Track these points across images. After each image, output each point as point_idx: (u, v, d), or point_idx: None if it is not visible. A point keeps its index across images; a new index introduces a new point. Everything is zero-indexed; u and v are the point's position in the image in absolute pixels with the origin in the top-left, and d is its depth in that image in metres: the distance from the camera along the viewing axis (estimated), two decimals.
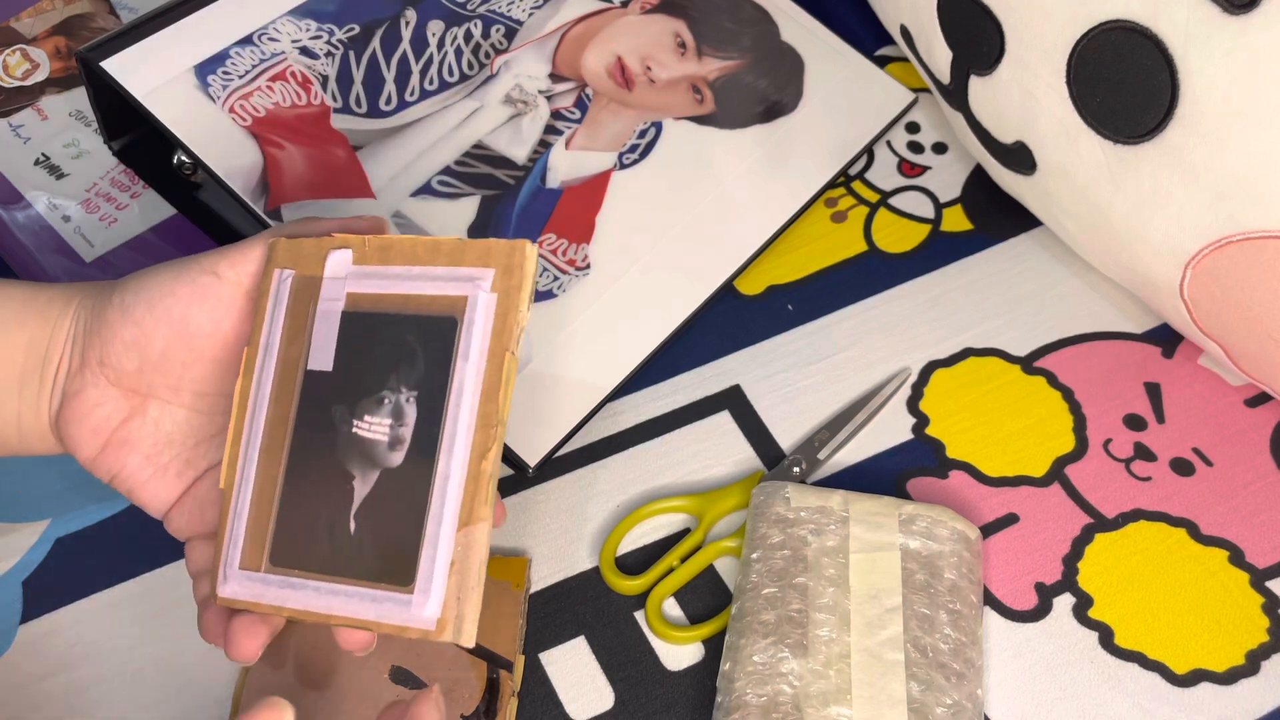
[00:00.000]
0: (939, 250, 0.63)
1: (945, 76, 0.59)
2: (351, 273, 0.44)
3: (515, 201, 0.58)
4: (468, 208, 0.57)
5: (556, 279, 0.56)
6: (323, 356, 0.44)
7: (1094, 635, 0.50)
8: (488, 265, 0.42)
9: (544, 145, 0.60)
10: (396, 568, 0.41)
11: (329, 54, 0.59)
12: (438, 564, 0.41)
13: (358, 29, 0.60)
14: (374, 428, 0.42)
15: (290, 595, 0.43)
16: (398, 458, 0.42)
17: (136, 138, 0.60)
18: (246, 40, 0.57)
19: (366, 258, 0.44)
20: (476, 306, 0.41)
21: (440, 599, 0.40)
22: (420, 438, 0.42)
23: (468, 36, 0.62)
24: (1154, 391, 0.57)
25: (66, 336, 0.44)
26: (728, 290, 0.61)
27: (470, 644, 0.41)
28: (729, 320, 0.60)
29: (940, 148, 0.67)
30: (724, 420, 0.57)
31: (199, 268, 0.44)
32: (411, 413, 0.42)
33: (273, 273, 0.45)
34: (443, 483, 0.41)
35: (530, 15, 0.64)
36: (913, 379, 0.58)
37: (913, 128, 0.68)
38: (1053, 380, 0.58)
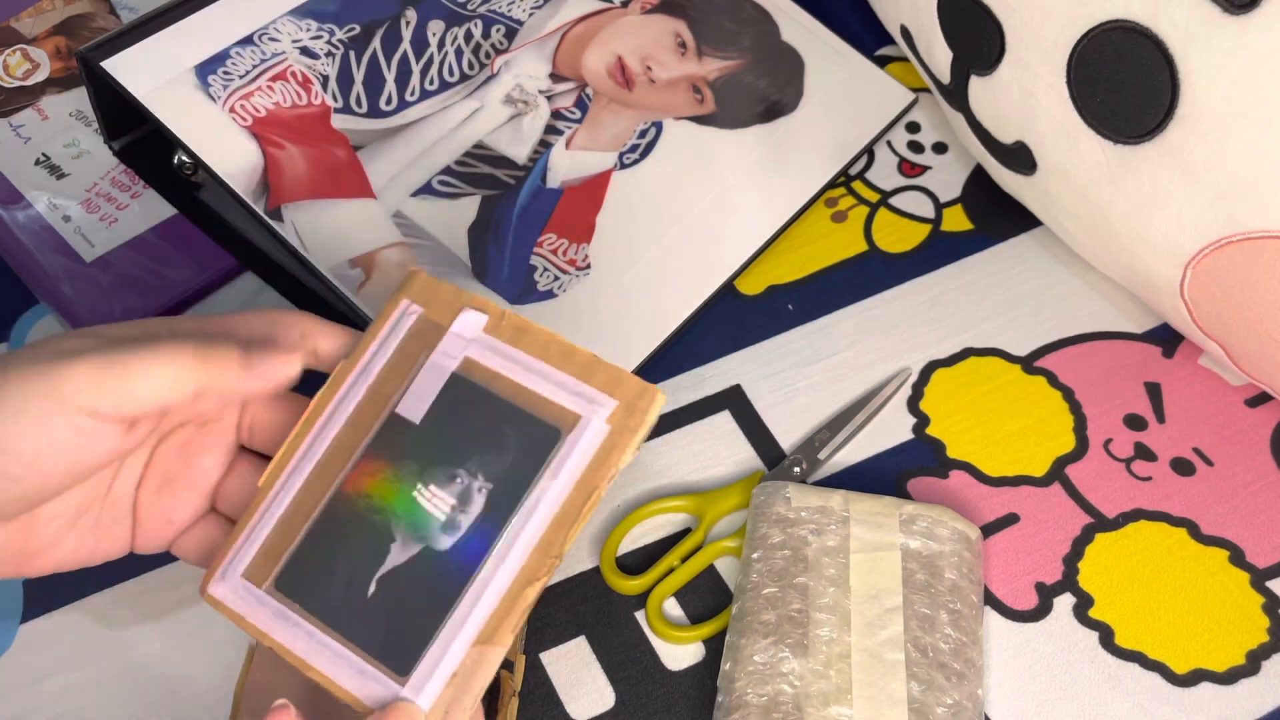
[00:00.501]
0: (939, 250, 0.63)
1: (945, 76, 0.59)
2: (478, 339, 0.42)
3: (515, 201, 0.58)
4: (468, 207, 0.57)
5: (556, 279, 0.56)
6: (416, 406, 0.42)
7: (1094, 635, 0.50)
8: (613, 395, 0.40)
9: (544, 145, 0.60)
10: (398, 652, 0.39)
11: (329, 54, 0.59)
12: (441, 668, 0.38)
13: (358, 29, 0.60)
14: (436, 501, 0.41)
15: (279, 627, 0.41)
16: (446, 542, 0.40)
17: (137, 138, 0.60)
18: (247, 40, 0.57)
19: (499, 331, 0.42)
20: (586, 431, 0.40)
21: (429, 704, 0.38)
22: (476, 533, 0.40)
23: (468, 36, 0.62)
24: (1154, 391, 0.57)
25: None
26: (728, 290, 0.61)
27: None
28: (729, 320, 0.60)
29: (940, 148, 0.67)
30: (724, 420, 0.57)
31: (72, 406, 0.37)
32: (479, 504, 0.40)
33: (400, 301, 0.43)
34: (479, 590, 0.39)
35: (530, 15, 0.64)
36: (913, 379, 0.58)
37: (913, 128, 0.68)
38: (1053, 380, 0.58)
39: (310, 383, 0.44)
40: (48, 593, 0.52)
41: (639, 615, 0.51)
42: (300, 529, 0.41)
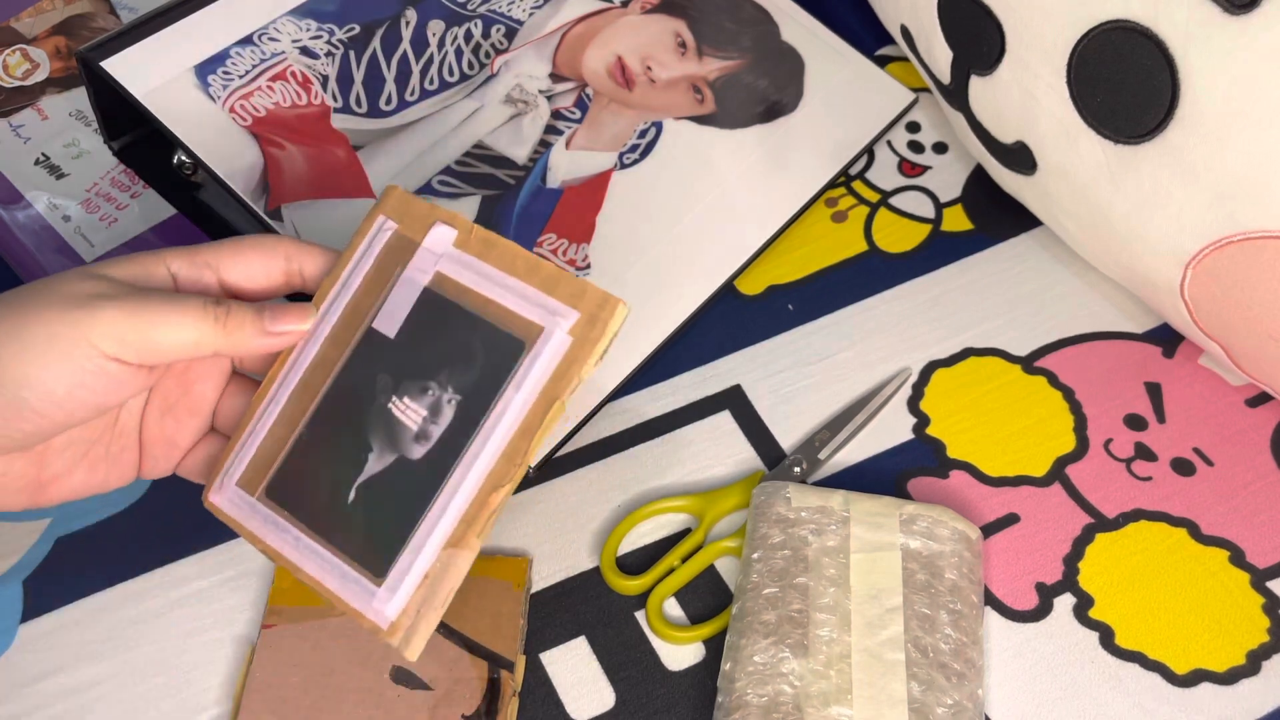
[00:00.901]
0: (939, 250, 0.63)
1: (945, 76, 0.59)
2: (448, 254, 0.43)
3: (515, 201, 0.58)
4: (468, 207, 0.57)
5: None
6: (390, 322, 0.43)
7: (1094, 635, 0.50)
8: (576, 307, 0.41)
9: (544, 145, 0.60)
10: (375, 555, 0.41)
11: (329, 54, 0.59)
12: (414, 570, 0.41)
13: (358, 29, 0.60)
14: (409, 412, 0.42)
15: (271, 533, 0.43)
16: (419, 451, 0.42)
17: (137, 138, 0.60)
18: (247, 40, 0.57)
19: (468, 246, 0.43)
20: (549, 342, 0.41)
21: (403, 604, 0.41)
22: (446, 442, 0.41)
23: (468, 36, 0.62)
24: (1154, 391, 0.57)
25: None
26: (728, 290, 0.61)
27: (413, 658, 0.41)
28: (729, 320, 0.60)
29: (940, 148, 0.67)
30: (724, 420, 0.57)
31: (98, 351, 0.39)
32: (448, 414, 0.42)
33: (376, 217, 0.44)
34: (449, 495, 0.41)
35: (530, 15, 0.64)
36: (913, 379, 0.58)
37: (913, 127, 0.68)
38: (1053, 380, 0.58)
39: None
40: (48, 593, 0.52)
41: (639, 615, 0.51)
42: (287, 441, 0.44)
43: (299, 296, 0.48)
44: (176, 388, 0.46)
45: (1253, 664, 0.49)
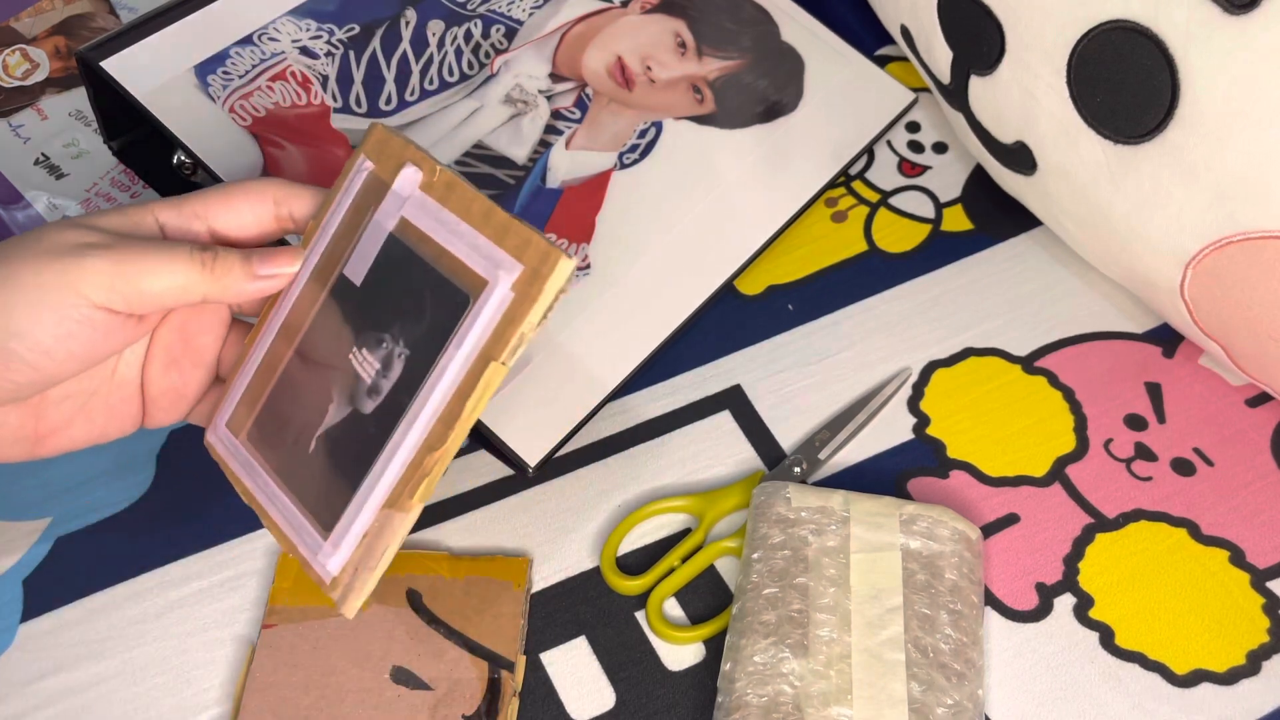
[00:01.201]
0: (939, 250, 0.63)
1: (945, 76, 0.59)
2: (413, 198, 0.41)
3: (515, 201, 0.58)
4: None
5: None
6: (359, 268, 0.42)
7: (1094, 635, 0.50)
8: (521, 259, 0.38)
9: (544, 145, 0.60)
10: (326, 509, 0.41)
11: (329, 54, 0.59)
12: (353, 529, 0.40)
13: (358, 29, 0.60)
14: (365, 365, 0.41)
15: (247, 476, 0.44)
16: (370, 405, 0.41)
17: (136, 138, 0.60)
18: (246, 40, 0.57)
19: (432, 189, 0.41)
20: (490, 297, 0.39)
21: (342, 561, 0.41)
22: (392, 398, 0.40)
23: (468, 36, 0.62)
24: (1154, 391, 0.57)
25: None
26: (728, 290, 0.61)
27: (350, 615, 0.41)
28: (729, 320, 0.60)
29: (940, 148, 0.67)
30: (724, 420, 0.57)
31: (87, 300, 0.39)
32: (397, 370, 0.40)
33: (358, 157, 0.43)
34: (389, 454, 0.40)
35: (530, 15, 0.64)
36: (913, 379, 0.58)
37: (913, 127, 0.68)
38: (1053, 380, 0.58)
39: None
40: (48, 593, 0.52)
41: (639, 615, 0.51)
42: (268, 385, 0.44)
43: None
44: (178, 341, 0.46)
45: (1253, 664, 0.49)
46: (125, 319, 0.41)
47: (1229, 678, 0.49)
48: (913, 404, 0.57)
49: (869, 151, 0.66)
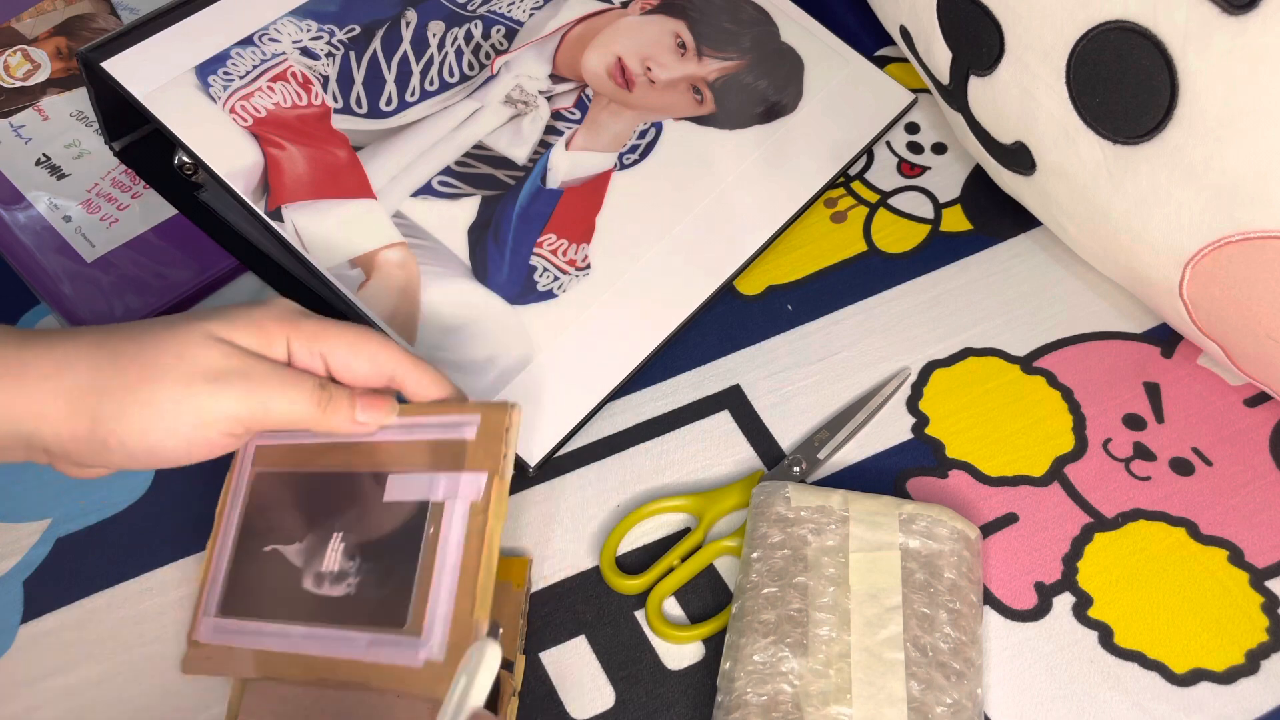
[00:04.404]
0: (939, 250, 0.63)
1: (945, 77, 0.59)
2: (460, 509, 0.45)
3: (515, 202, 0.58)
4: (468, 208, 0.57)
5: (556, 279, 0.57)
6: (392, 488, 0.46)
7: (1093, 635, 0.50)
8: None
9: (544, 146, 0.60)
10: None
11: (330, 54, 0.59)
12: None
13: (358, 29, 0.60)
14: (334, 555, 0.47)
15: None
16: (338, 590, 0.46)
17: (137, 138, 0.60)
18: (247, 41, 0.58)
19: (480, 512, 0.45)
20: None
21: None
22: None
23: (468, 37, 0.62)
24: (1153, 391, 0.57)
25: (49, 428, 0.42)
26: (728, 290, 0.61)
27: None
28: (729, 320, 0.60)
29: (940, 148, 0.67)
30: (724, 420, 0.57)
31: (217, 430, 0.43)
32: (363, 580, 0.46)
33: (475, 413, 0.45)
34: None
35: (531, 16, 0.64)
36: (912, 379, 0.58)
37: (912, 128, 0.68)
38: (1052, 380, 0.58)
39: None
40: (48, 593, 0.52)
41: (639, 615, 0.51)
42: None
43: None
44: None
45: (1251, 663, 0.49)
46: (238, 439, 0.44)
47: (1228, 677, 0.49)
48: (912, 404, 0.57)
49: (868, 152, 0.66)
